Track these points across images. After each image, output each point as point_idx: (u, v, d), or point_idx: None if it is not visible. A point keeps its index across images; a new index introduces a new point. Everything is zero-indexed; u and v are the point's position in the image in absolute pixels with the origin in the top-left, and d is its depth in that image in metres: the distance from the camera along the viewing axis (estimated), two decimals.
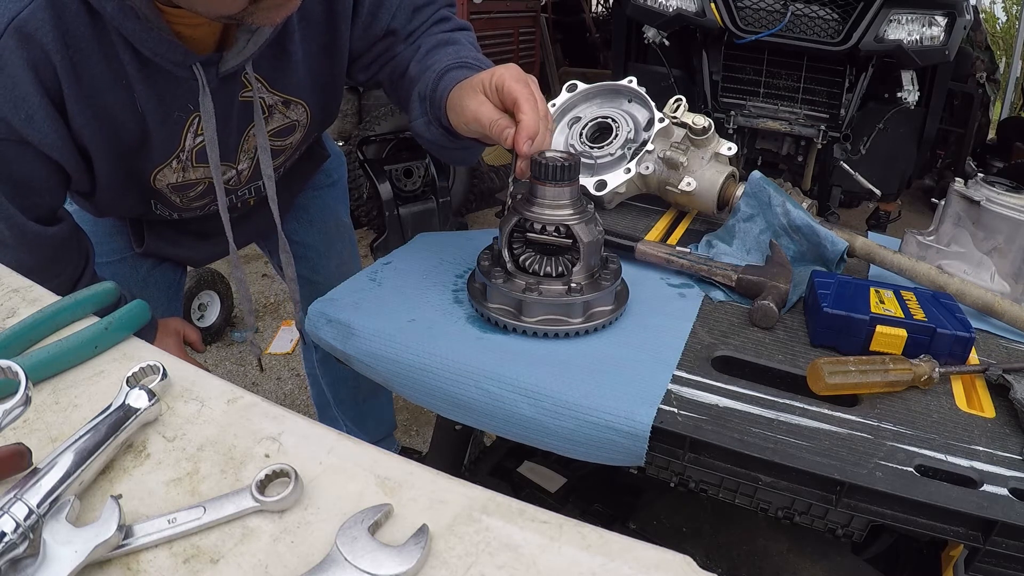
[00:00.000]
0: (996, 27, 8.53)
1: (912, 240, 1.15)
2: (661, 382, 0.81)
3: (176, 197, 1.03)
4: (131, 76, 0.84)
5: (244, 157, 1.04)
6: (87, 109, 0.83)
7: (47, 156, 0.84)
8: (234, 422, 0.56)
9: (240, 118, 0.97)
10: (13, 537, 0.42)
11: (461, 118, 0.87)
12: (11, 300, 0.69)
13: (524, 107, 0.80)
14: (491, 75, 0.84)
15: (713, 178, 1.20)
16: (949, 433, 0.77)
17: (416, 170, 3.45)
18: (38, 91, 0.79)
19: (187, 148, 0.95)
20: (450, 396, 0.83)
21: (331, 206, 1.49)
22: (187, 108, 0.90)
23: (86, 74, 0.81)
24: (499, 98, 0.83)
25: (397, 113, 3.54)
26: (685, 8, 2.82)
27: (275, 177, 1.10)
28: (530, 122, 0.80)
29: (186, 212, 1.10)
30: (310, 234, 1.46)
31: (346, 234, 1.55)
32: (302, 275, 1.51)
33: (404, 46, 1.03)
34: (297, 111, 1.04)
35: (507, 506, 0.49)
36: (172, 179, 0.99)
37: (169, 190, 1.01)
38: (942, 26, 2.65)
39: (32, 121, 0.80)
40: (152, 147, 0.92)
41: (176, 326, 1.14)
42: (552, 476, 1.34)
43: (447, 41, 1.00)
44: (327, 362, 1.65)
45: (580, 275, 0.89)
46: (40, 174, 0.86)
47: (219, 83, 0.89)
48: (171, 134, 0.92)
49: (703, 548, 1.20)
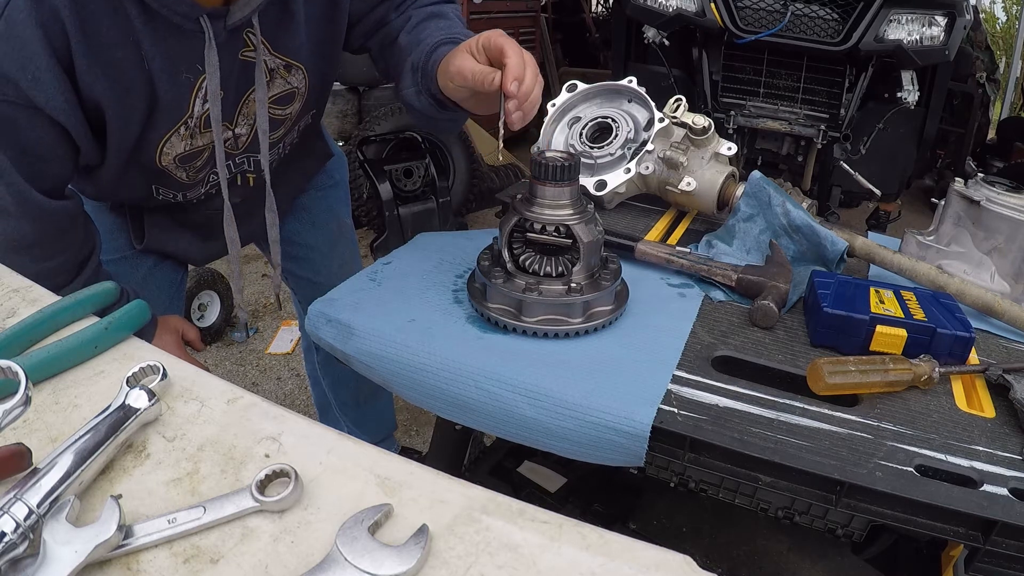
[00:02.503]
0: (996, 27, 8.52)
1: (912, 240, 1.15)
2: (661, 382, 0.81)
3: (181, 172, 1.02)
4: (138, 31, 0.83)
5: (243, 121, 1.03)
6: (96, 67, 0.83)
7: (54, 120, 0.83)
8: (234, 422, 0.56)
9: (240, 79, 0.97)
10: (13, 537, 0.42)
11: (447, 76, 0.90)
12: (11, 300, 0.69)
13: (509, 52, 0.84)
14: (477, 38, 0.89)
15: (713, 178, 1.20)
16: (949, 433, 0.77)
17: (416, 170, 3.45)
18: (46, 51, 0.78)
19: (195, 115, 0.95)
20: (450, 396, 0.83)
21: (334, 207, 1.49)
22: (195, 69, 0.90)
23: (94, 31, 0.81)
24: (485, 56, 0.87)
25: (397, 113, 3.54)
26: (685, 8, 2.82)
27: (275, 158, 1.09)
28: (515, 64, 0.84)
29: (190, 191, 1.09)
30: (313, 235, 1.46)
31: (348, 235, 1.55)
32: (304, 276, 1.51)
33: (396, 14, 1.07)
34: (297, 77, 1.04)
35: (507, 506, 0.49)
36: (180, 148, 0.98)
37: (175, 165, 1.00)
38: (942, 26, 2.65)
39: (39, 82, 0.79)
40: (161, 110, 0.91)
41: (175, 324, 1.14)
42: (552, 476, 1.34)
43: (437, 14, 1.04)
44: (328, 364, 1.65)
45: (580, 275, 0.89)
46: (47, 140, 0.85)
47: (225, 37, 0.89)
48: (179, 97, 0.91)
49: (703, 548, 1.20)
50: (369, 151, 3.51)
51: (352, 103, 3.77)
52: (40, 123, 0.83)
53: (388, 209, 3.36)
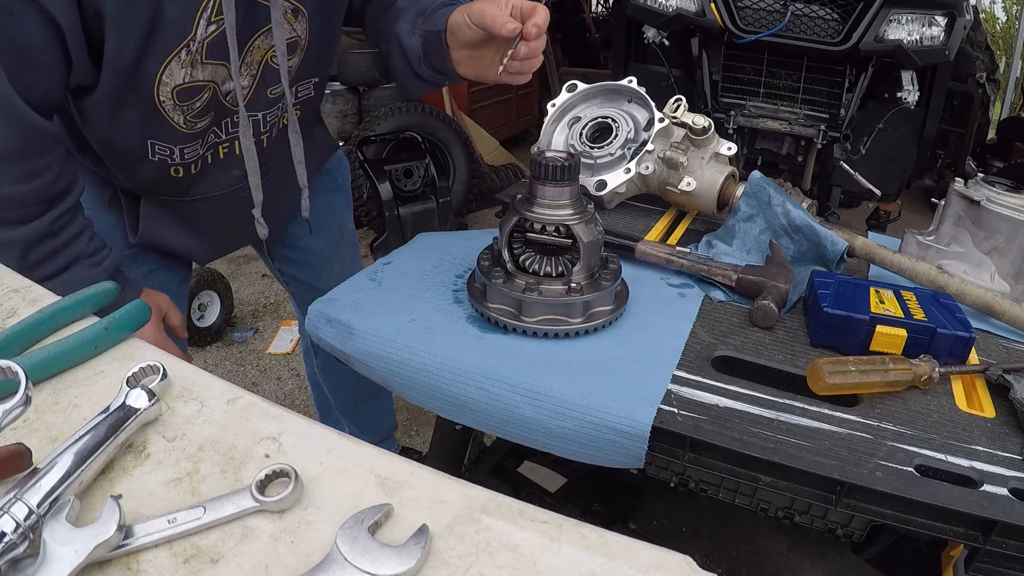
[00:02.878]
0: (996, 27, 8.53)
1: (912, 240, 1.15)
2: (661, 382, 0.81)
3: (179, 114, 0.98)
4: None
5: (246, 71, 1.00)
6: None
7: (49, 16, 0.79)
8: (234, 422, 0.56)
9: (246, 19, 0.94)
10: (13, 537, 0.42)
11: (466, 12, 0.93)
12: (11, 300, 0.69)
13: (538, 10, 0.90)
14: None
15: (713, 178, 1.20)
16: (949, 433, 0.77)
17: (416, 170, 3.45)
18: None
19: (199, 37, 0.91)
20: (450, 396, 0.83)
21: (336, 211, 1.48)
22: None
23: None
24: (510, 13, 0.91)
25: (397, 113, 3.54)
26: (685, 8, 2.82)
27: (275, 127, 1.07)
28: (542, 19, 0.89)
29: (187, 149, 1.04)
30: (315, 240, 1.45)
31: (350, 240, 1.54)
32: (305, 281, 1.50)
33: None
34: (301, 24, 1.02)
35: (507, 506, 0.49)
36: (179, 78, 0.94)
37: (173, 102, 0.96)
38: (942, 26, 2.65)
39: None
40: (164, 26, 0.87)
41: (160, 302, 1.09)
42: (552, 476, 1.34)
43: None
44: (327, 366, 1.65)
45: (580, 275, 0.89)
46: (38, 39, 0.81)
47: None
48: (184, 15, 0.88)
49: (703, 548, 1.20)
50: (369, 151, 3.51)
51: (352, 103, 3.77)
52: (34, 17, 0.79)
53: (388, 209, 3.36)
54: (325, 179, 1.42)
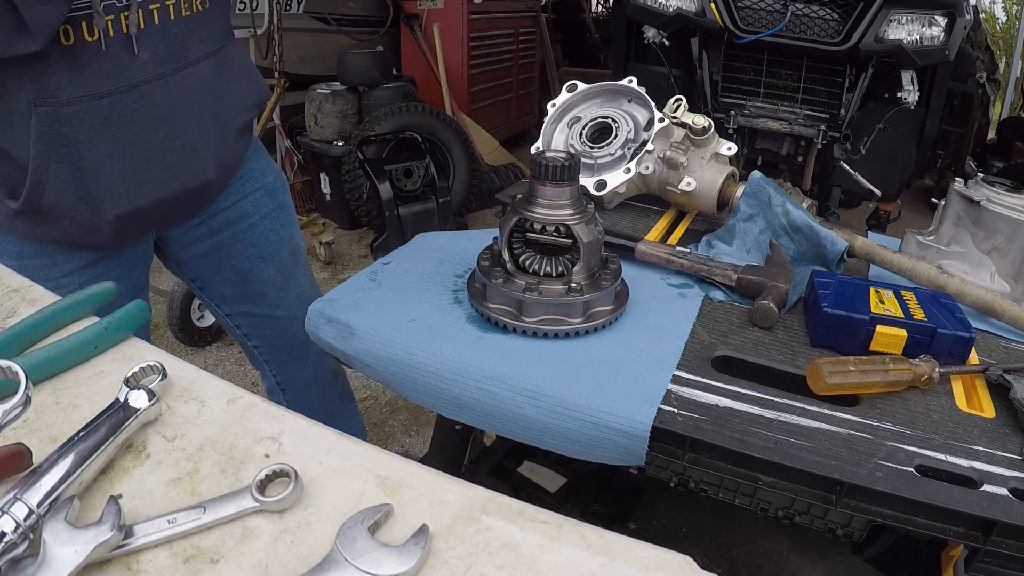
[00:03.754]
0: (996, 27, 8.53)
1: (912, 240, 1.15)
2: (661, 382, 0.81)
3: None
4: None
5: None
6: None
7: None
8: (234, 422, 0.56)
9: None
10: (13, 537, 0.42)
11: None
12: (11, 300, 0.69)
13: None
14: None
15: (713, 178, 1.20)
16: (949, 433, 0.77)
17: (416, 170, 3.46)
18: None
19: None
20: (450, 396, 0.83)
21: (282, 233, 1.36)
22: None
23: None
24: None
25: (397, 113, 3.54)
26: (685, 8, 2.82)
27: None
28: None
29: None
30: (265, 270, 1.34)
31: (301, 259, 1.43)
32: (263, 313, 1.39)
33: None
34: None
35: (507, 506, 0.49)
36: None
37: None
38: (942, 26, 2.65)
39: None
40: None
41: None
42: (552, 476, 1.34)
43: None
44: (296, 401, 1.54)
45: (580, 275, 0.89)
46: None
47: None
48: None
49: (703, 548, 1.20)
50: (369, 151, 3.51)
51: (352, 103, 3.77)
52: None
53: (388, 209, 3.37)
54: (264, 197, 1.30)
